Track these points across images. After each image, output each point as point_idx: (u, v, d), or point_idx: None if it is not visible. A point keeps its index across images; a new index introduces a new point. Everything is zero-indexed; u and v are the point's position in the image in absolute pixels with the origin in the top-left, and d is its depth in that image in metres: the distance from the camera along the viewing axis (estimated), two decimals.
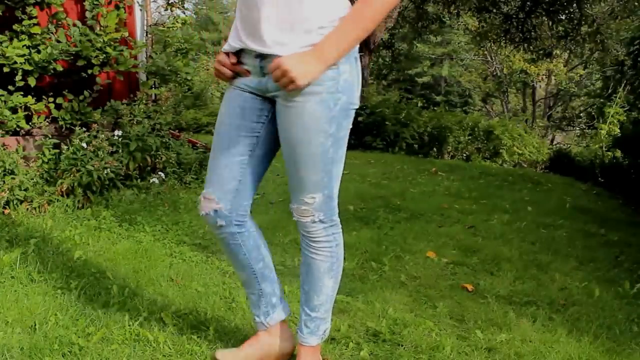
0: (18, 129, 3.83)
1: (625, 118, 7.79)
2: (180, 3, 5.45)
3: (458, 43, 21.67)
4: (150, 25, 5.24)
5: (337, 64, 1.37)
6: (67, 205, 3.47)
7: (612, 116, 7.86)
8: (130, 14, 4.79)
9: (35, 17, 3.84)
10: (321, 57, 1.33)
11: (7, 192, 3.25)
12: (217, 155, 1.56)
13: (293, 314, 1.99)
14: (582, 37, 10.77)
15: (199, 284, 2.40)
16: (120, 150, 3.96)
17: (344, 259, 1.69)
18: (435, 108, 12.58)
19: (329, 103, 1.39)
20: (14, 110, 3.79)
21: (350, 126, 1.50)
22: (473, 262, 2.97)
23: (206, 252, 2.87)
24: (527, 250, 3.31)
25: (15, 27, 3.75)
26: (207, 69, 20.77)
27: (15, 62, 3.66)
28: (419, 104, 11.43)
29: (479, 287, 2.61)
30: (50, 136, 3.81)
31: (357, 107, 1.48)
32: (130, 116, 4.22)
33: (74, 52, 3.93)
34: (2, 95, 3.68)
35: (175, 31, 5.15)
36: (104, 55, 4.04)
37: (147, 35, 5.21)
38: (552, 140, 18.28)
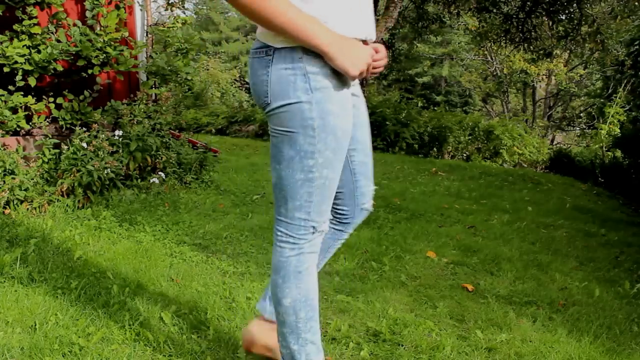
0: (18, 129, 3.83)
1: (625, 118, 7.80)
2: (180, 3, 5.45)
3: (458, 43, 21.70)
4: (150, 25, 5.24)
5: None
6: (67, 205, 3.47)
7: (612, 116, 7.86)
8: (131, 14, 4.79)
9: (36, 17, 3.84)
10: None
11: (7, 192, 3.25)
12: None
13: None
14: (582, 37, 10.75)
15: (199, 284, 2.40)
16: (120, 150, 3.96)
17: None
18: (435, 108, 12.59)
19: None
20: (14, 110, 3.79)
21: None
22: (473, 262, 2.97)
23: (206, 252, 2.87)
24: (527, 250, 3.31)
25: (16, 27, 3.75)
26: (207, 69, 20.79)
27: (16, 62, 3.66)
28: (419, 104, 11.43)
29: (479, 287, 2.61)
30: (51, 136, 3.81)
31: None
32: (130, 116, 4.23)
33: (74, 52, 3.93)
34: (2, 95, 3.68)
35: (175, 31, 5.15)
36: (104, 55, 4.04)
37: (147, 35, 5.21)
38: (552, 140, 18.31)
